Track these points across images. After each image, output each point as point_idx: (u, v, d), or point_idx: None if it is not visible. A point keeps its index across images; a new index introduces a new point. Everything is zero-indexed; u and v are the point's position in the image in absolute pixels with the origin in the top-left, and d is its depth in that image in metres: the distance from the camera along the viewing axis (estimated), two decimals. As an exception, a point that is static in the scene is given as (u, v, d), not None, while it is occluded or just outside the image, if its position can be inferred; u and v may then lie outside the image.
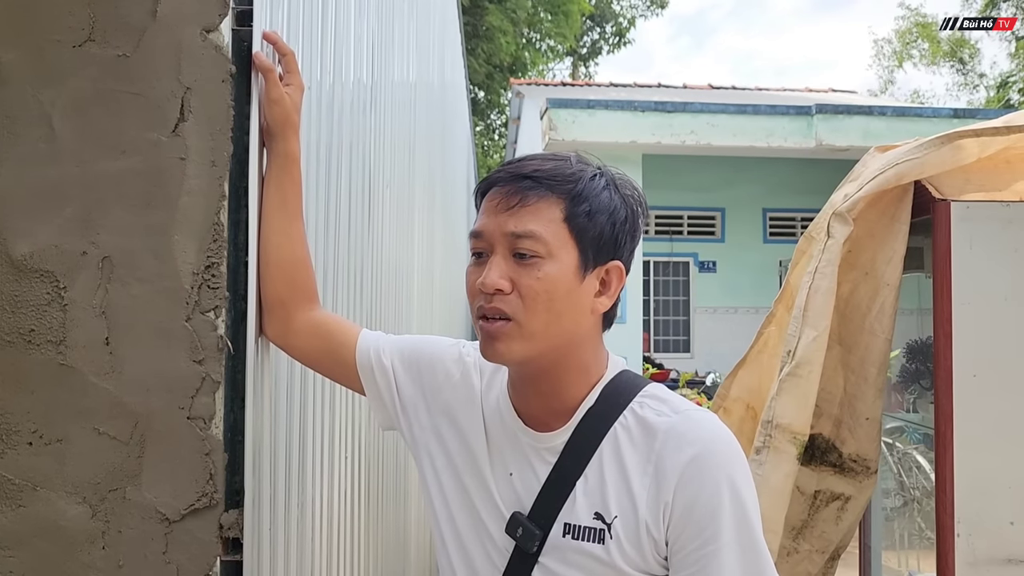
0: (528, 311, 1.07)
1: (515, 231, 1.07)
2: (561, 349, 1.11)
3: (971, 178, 2.09)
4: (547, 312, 1.07)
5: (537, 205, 1.08)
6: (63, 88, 1.08)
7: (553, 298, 1.07)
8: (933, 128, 7.14)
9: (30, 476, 1.06)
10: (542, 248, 1.07)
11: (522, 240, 1.07)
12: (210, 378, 1.08)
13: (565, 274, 1.08)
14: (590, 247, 1.10)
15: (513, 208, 1.08)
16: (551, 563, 1.10)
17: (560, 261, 1.08)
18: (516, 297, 1.07)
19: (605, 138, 7.52)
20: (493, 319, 1.08)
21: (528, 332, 1.07)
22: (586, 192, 1.10)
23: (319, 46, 1.50)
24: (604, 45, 23.60)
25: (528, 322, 1.07)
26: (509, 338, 1.07)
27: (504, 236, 1.08)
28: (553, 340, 1.09)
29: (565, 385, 1.14)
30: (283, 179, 1.22)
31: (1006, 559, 1.99)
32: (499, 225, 1.08)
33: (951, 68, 22.97)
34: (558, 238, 1.08)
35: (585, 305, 1.11)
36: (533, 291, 1.06)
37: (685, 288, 10.60)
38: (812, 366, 2.06)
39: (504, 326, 1.07)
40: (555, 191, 1.09)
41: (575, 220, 1.08)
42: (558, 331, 1.09)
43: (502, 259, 1.08)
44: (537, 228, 1.07)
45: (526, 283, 1.07)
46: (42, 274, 1.07)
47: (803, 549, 2.18)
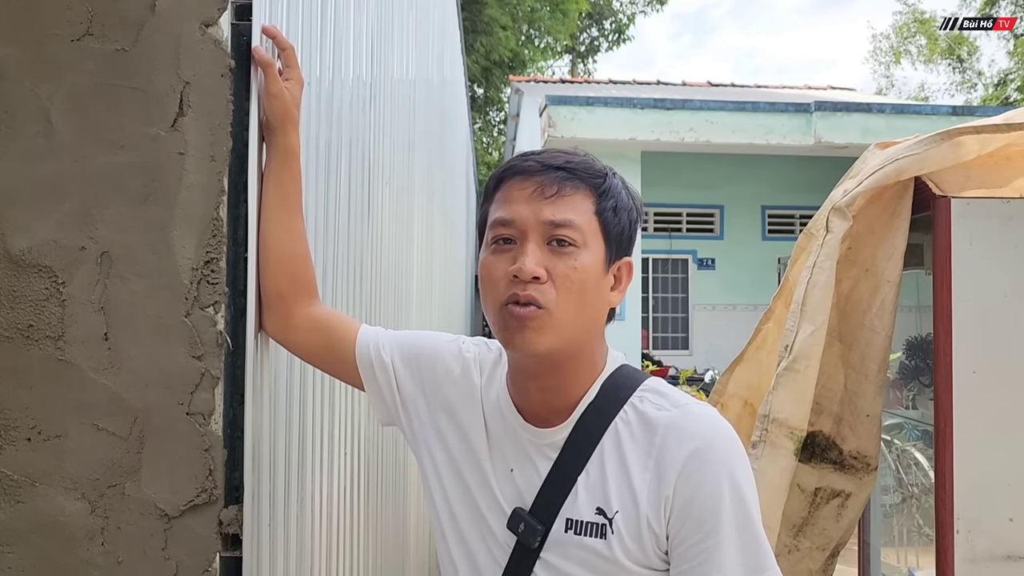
0: (560, 300, 1.07)
1: (554, 219, 1.07)
2: (580, 342, 1.11)
3: (971, 174, 2.09)
4: (578, 302, 1.08)
5: (573, 196, 1.09)
6: (61, 82, 1.07)
7: (585, 288, 1.08)
8: (932, 125, 7.13)
9: (29, 472, 1.06)
10: (579, 237, 1.08)
11: (561, 229, 1.07)
12: (209, 374, 1.08)
13: (596, 265, 1.10)
14: (614, 242, 1.12)
15: (551, 197, 1.08)
16: (553, 558, 1.10)
17: (592, 252, 1.09)
18: (550, 286, 1.07)
19: (604, 135, 7.52)
20: (525, 304, 1.06)
21: (558, 321, 1.07)
22: (611, 188, 1.12)
23: (318, 41, 1.49)
24: (603, 42, 23.58)
25: (559, 311, 1.07)
26: (540, 328, 1.07)
27: (540, 224, 1.08)
28: (577, 331, 1.10)
29: (570, 380, 1.14)
30: (283, 174, 1.22)
31: (1005, 556, 1.99)
32: (535, 212, 1.08)
33: (949, 66, 22.97)
34: (591, 229, 1.10)
35: (605, 298, 1.13)
36: (569, 280, 1.07)
37: (684, 285, 10.60)
38: (810, 360, 2.06)
39: (536, 313, 1.06)
40: (588, 184, 1.11)
41: (604, 214, 1.11)
42: (583, 323, 1.10)
43: (536, 247, 1.08)
44: (575, 218, 1.08)
45: (561, 271, 1.07)
46: (40, 269, 1.06)
47: (804, 546, 2.18)
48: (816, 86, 13.40)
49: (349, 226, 1.76)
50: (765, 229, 10.57)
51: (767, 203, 10.50)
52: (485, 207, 1.17)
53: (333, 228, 1.60)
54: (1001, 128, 2.04)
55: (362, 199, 1.92)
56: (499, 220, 1.10)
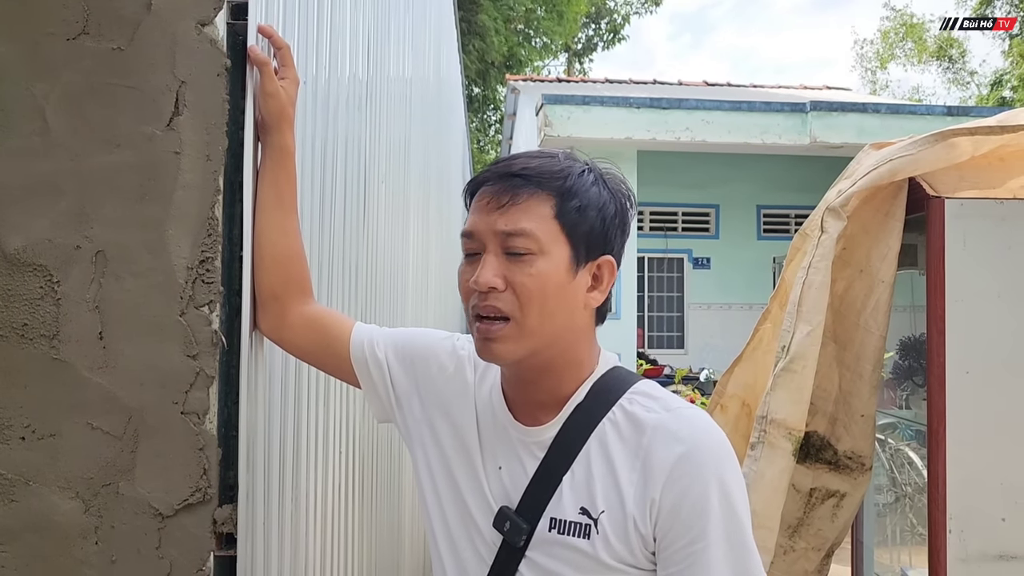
0: (523, 308, 1.07)
1: (506, 229, 1.08)
2: (556, 345, 1.11)
3: (965, 175, 2.09)
4: (541, 309, 1.07)
5: (527, 202, 1.08)
6: (57, 81, 1.07)
7: (547, 295, 1.07)
8: (927, 125, 7.15)
9: (23, 471, 1.06)
10: (534, 245, 1.07)
11: (513, 238, 1.07)
12: (204, 373, 1.08)
13: (557, 270, 1.08)
14: (581, 242, 1.10)
15: (504, 207, 1.08)
16: (538, 557, 1.10)
17: (552, 257, 1.08)
18: (510, 294, 1.07)
19: (600, 134, 7.52)
20: (490, 319, 1.08)
21: (524, 330, 1.08)
22: (575, 188, 1.10)
23: (314, 40, 1.49)
24: (599, 42, 23.59)
25: (523, 320, 1.07)
26: (505, 338, 1.08)
27: (495, 235, 1.08)
28: (548, 337, 1.09)
29: (558, 380, 1.14)
30: (278, 173, 1.22)
31: (998, 555, 2.00)
32: (489, 224, 1.09)
33: (939, 67, 23.00)
34: (549, 234, 1.08)
35: (578, 300, 1.11)
36: (527, 288, 1.07)
37: (679, 284, 10.61)
38: (807, 361, 2.06)
39: (501, 327, 1.08)
40: (544, 187, 1.09)
41: (566, 216, 1.09)
42: (552, 328, 1.09)
43: (494, 257, 1.09)
44: (528, 225, 1.07)
45: (519, 280, 1.07)
46: (35, 268, 1.06)
47: (799, 547, 2.18)
48: (812, 86, 13.39)
49: (345, 225, 1.76)
50: (760, 229, 10.58)
51: (762, 203, 10.51)
52: None
53: (329, 227, 1.60)
54: (995, 130, 2.05)
55: (358, 198, 1.92)
56: (463, 233, 1.12)
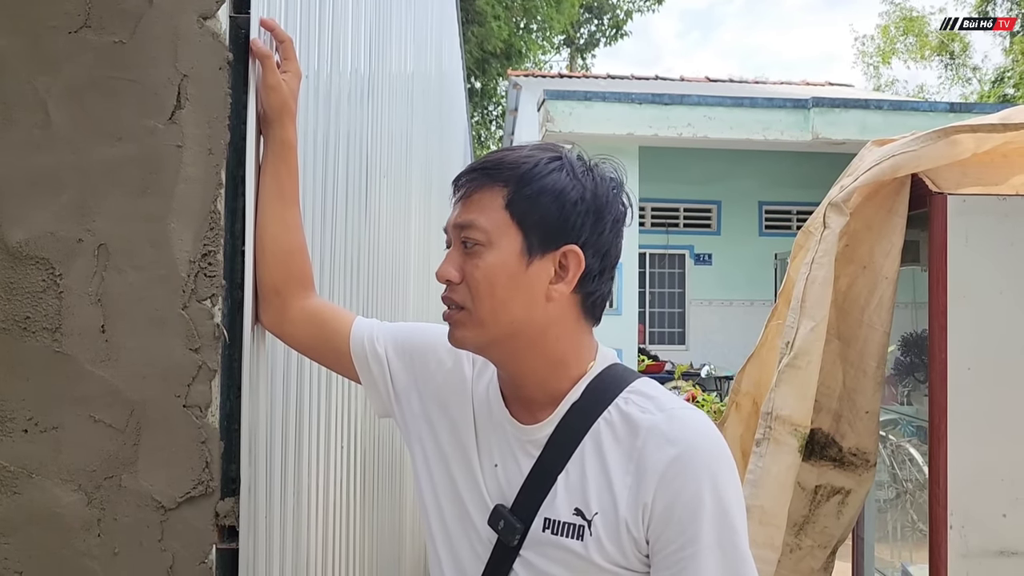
0: (474, 299, 1.09)
1: (457, 222, 1.11)
2: (519, 337, 1.10)
3: (968, 172, 2.09)
4: (491, 299, 1.08)
5: (479, 195, 1.10)
6: (59, 75, 1.07)
7: (495, 285, 1.08)
8: (930, 122, 7.13)
9: (25, 463, 1.06)
10: (482, 237, 1.09)
11: (465, 231, 1.10)
12: (206, 366, 1.08)
13: (505, 261, 1.08)
14: (534, 231, 1.08)
15: (461, 200, 1.12)
16: (532, 557, 1.10)
17: (500, 248, 1.08)
18: (464, 286, 1.10)
19: (602, 130, 7.52)
20: (450, 308, 1.12)
21: (477, 319, 1.10)
22: (529, 176, 1.09)
23: (316, 34, 1.49)
24: (601, 37, 23.55)
25: (476, 309, 1.09)
26: (462, 325, 1.11)
27: (453, 228, 1.12)
28: (504, 327, 1.09)
29: (541, 376, 1.13)
30: (280, 167, 1.22)
31: (998, 551, 2.00)
32: (451, 219, 1.13)
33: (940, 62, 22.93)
34: (498, 225, 1.08)
35: (536, 291, 1.09)
36: (475, 279, 1.09)
37: (681, 280, 10.61)
38: (811, 356, 2.06)
39: (457, 314, 1.11)
40: (497, 179, 1.10)
41: (516, 205, 1.09)
42: (508, 318, 1.09)
43: (456, 251, 1.12)
44: (475, 217, 1.09)
45: (469, 272, 1.10)
46: (37, 261, 1.06)
47: (805, 545, 2.18)
48: (814, 82, 13.37)
49: (347, 219, 1.76)
50: (762, 225, 10.58)
51: (764, 199, 10.51)
52: None
53: (331, 221, 1.60)
54: (997, 128, 2.04)
55: (360, 192, 1.92)
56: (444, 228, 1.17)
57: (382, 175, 2.27)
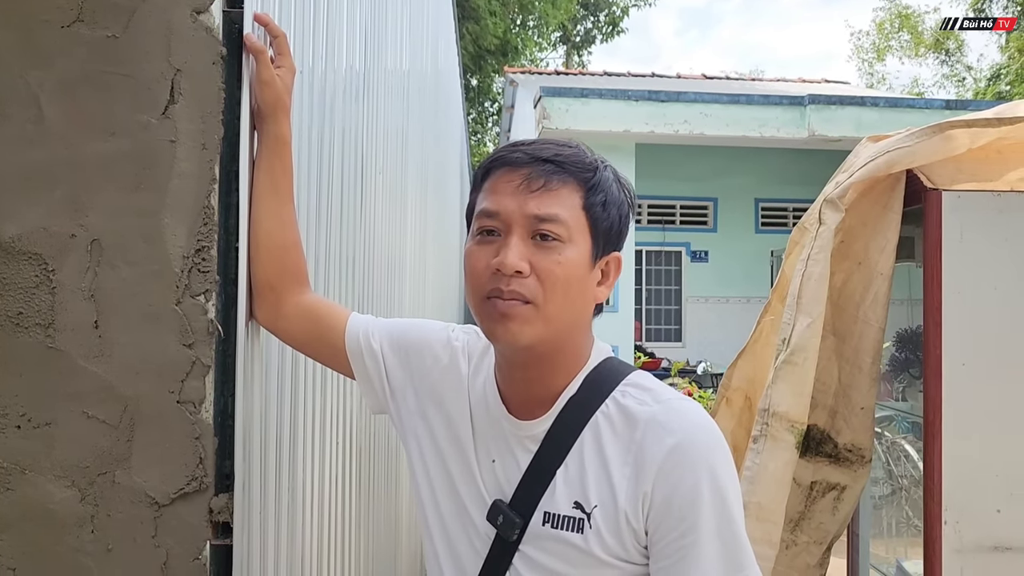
0: (546, 294, 1.06)
1: (539, 213, 1.06)
2: (564, 336, 1.11)
3: (963, 168, 2.09)
4: (564, 297, 1.07)
5: (560, 190, 1.08)
6: (51, 69, 1.07)
7: (570, 283, 1.07)
8: (926, 119, 7.13)
9: (18, 459, 1.06)
10: (564, 232, 1.07)
11: (546, 223, 1.06)
12: (200, 362, 1.08)
13: (581, 260, 1.09)
14: (601, 237, 1.11)
15: (536, 191, 1.07)
16: (531, 551, 1.10)
17: (578, 247, 1.08)
18: (534, 280, 1.06)
19: (599, 127, 7.52)
20: (512, 301, 1.06)
21: (544, 315, 1.06)
22: (602, 183, 1.11)
23: (311, 30, 1.49)
24: (598, 34, 23.53)
25: (545, 305, 1.06)
26: (524, 320, 1.06)
27: (525, 217, 1.06)
28: (562, 325, 1.09)
29: (554, 372, 1.13)
30: (274, 162, 1.22)
31: (992, 546, 2.01)
32: (520, 206, 1.07)
33: (935, 60, 22.95)
34: (577, 224, 1.08)
35: (591, 293, 1.12)
36: (553, 275, 1.06)
37: (677, 277, 10.62)
38: (807, 353, 2.06)
39: (520, 307, 1.05)
40: (576, 178, 1.09)
41: (592, 209, 1.09)
42: (569, 317, 1.09)
43: (520, 240, 1.06)
44: (561, 212, 1.07)
45: (545, 266, 1.06)
46: (30, 256, 1.06)
47: (801, 541, 2.18)
48: (810, 79, 13.37)
49: (342, 216, 1.75)
50: (758, 222, 10.59)
51: (760, 196, 10.52)
52: (473, 196, 1.15)
53: (325, 217, 1.59)
54: (992, 122, 2.04)
55: (355, 189, 1.91)
56: (484, 211, 1.09)
57: (377, 171, 2.27)
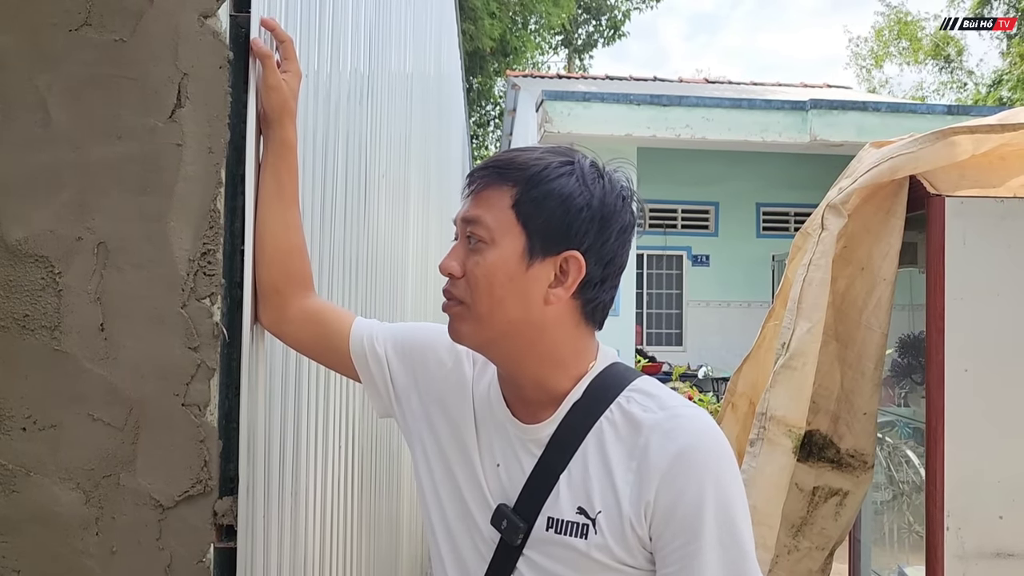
0: (473, 295, 1.09)
1: (465, 216, 1.12)
2: (516, 337, 1.10)
3: (966, 174, 2.09)
4: (489, 297, 1.08)
5: (488, 192, 1.10)
6: (59, 72, 1.07)
7: (493, 283, 1.08)
8: (927, 124, 7.15)
9: (23, 461, 1.06)
10: (485, 234, 1.09)
11: (471, 226, 1.10)
12: (205, 365, 1.08)
13: (506, 261, 1.08)
14: (537, 234, 1.08)
15: (471, 196, 1.12)
16: (536, 556, 1.10)
17: (502, 248, 1.08)
18: (464, 281, 1.10)
19: (600, 131, 7.51)
20: (449, 301, 1.13)
21: (474, 315, 1.10)
22: (538, 178, 1.08)
23: (316, 34, 1.49)
24: (599, 38, 23.54)
25: (473, 305, 1.10)
26: (460, 319, 1.12)
27: (460, 222, 1.13)
28: (500, 326, 1.09)
29: (539, 377, 1.12)
30: (279, 166, 1.22)
31: (995, 553, 2.01)
32: (459, 213, 1.14)
33: (935, 66, 22.92)
34: (503, 225, 1.08)
35: (534, 294, 1.09)
36: (474, 276, 1.09)
37: (678, 281, 10.61)
38: (807, 358, 2.06)
39: (456, 308, 1.12)
40: (507, 179, 1.09)
41: (522, 206, 1.08)
42: (504, 317, 1.09)
43: (460, 245, 1.13)
44: (481, 214, 1.09)
45: (469, 268, 1.10)
46: (37, 259, 1.06)
47: (803, 546, 2.18)
48: (812, 84, 13.38)
49: (346, 219, 1.76)
50: (760, 226, 10.59)
51: (762, 200, 10.51)
52: None
53: (330, 221, 1.60)
54: (995, 128, 2.05)
55: (359, 192, 1.92)
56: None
57: (381, 175, 2.27)
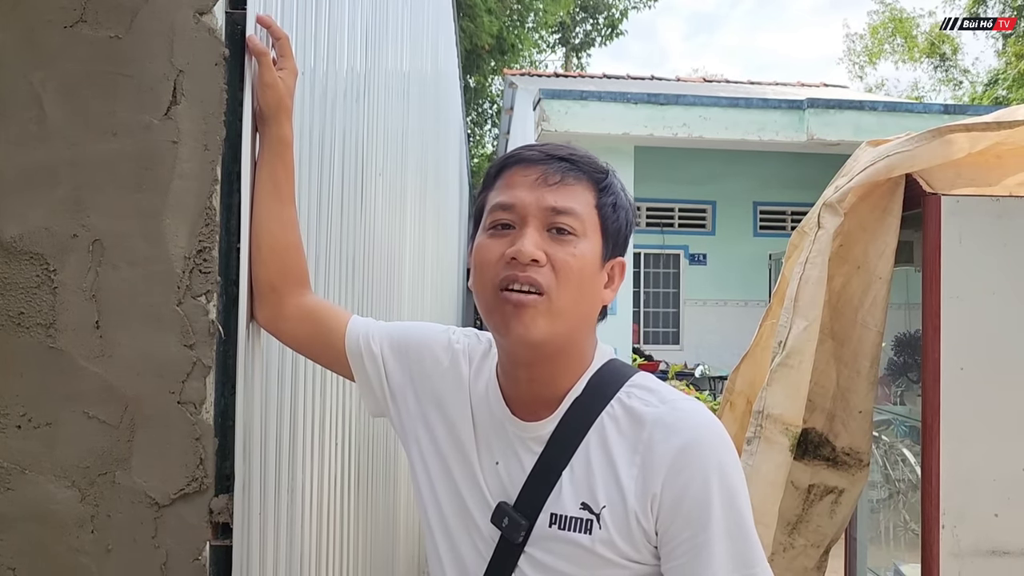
0: (560, 286, 1.06)
1: (556, 206, 1.08)
2: (573, 334, 1.11)
3: (962, 172, 2.10)
4: (577, 290, 1.08)
5: (575, 187, 1.10)
6: (54, 69, 1.07)
7: (583, 276, 1.08)
8: (924, 123, 7.15)
9: (19, 459, 1.06)
10: (579, 226, 1.09)
11: (562, 216, 1.08)
12: (201, 363, 1.08)
13: (593, 257, 1.10)
14: (610, 238, 1.13)
15: (554, 185, 1.09)
16: (538, 553, 1.10)
17: (591, 243, 1.10)
18: (550, 270, 1.06)
19: (598, 129, 7.52)
20: (522, 291, 1.06)
21: (556, 308, 1.06)
22: (612, 185, 1.13)
23: (312, 31, 1.49)
24: (597, 36, 23.53)
25: (558, 297, 1.06)
26: (537, 312, 1.06)
27: (542, 210, 1.08)
28: (573, 322, 1.10)
29: (559, 372, 1.14)
30: (276, 164, 1.22)
31: (990, 551, 2.01)
32: (537, 199, 1.08)
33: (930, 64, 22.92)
34: (591, 221, 1.10)
35: (599, 294, 1.13)
36: (568, 266, 1.07)
37: (675, 280, 10.62)
38: (803, 356, 2.07)
39: (534, 299, 1.06)
40: (591, 177, 1.12)
41: (604, 209, 1.11)
42: (579, 313, 1.10)
43: (536, 231, 1.08)
44: (577, 206, 1.09)
45: (561, 257, 1.07)
46: (32, 256, 1.06)
47: (799, 544, 2.19)
48: (809, 83, 13.38)
49: (342, 217, 1.75)
50: (757, 225, 10.60)
51: (759, 199, 10.52)
52: (484, 194, 1.16)
53: (326, 219, 1.60)
54: (991, 127, 2.05)
55: (355, 190, 1.91)
56: (499, 204, 1.10)
57: (377, 173, 2.27)
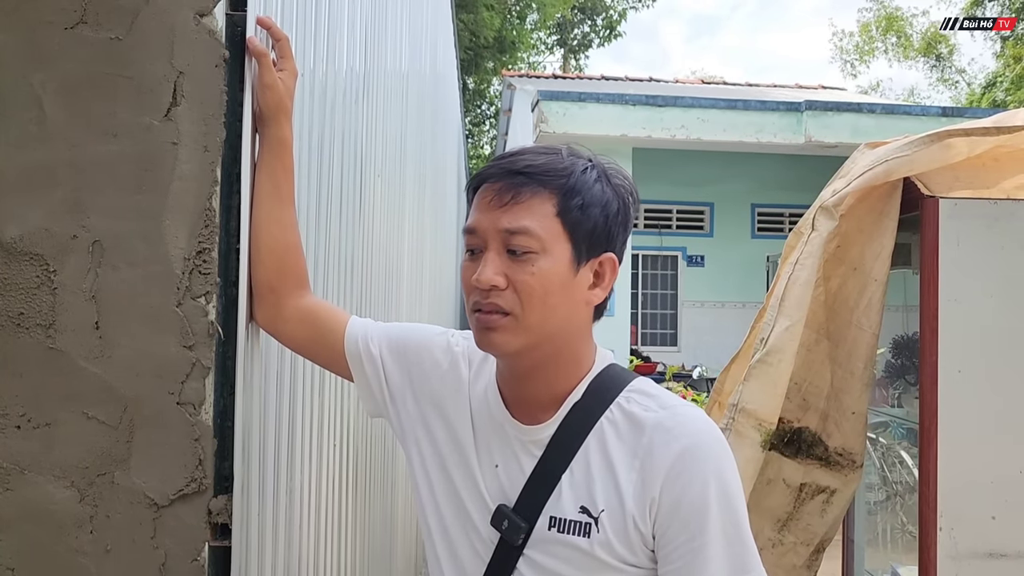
0: (524, 306, 1.07)
1: (508, 227, 1.07)
2: (556, 342, 1.11)
3: (959, 175, 2.10)
4: (543, 307, 1.07)
5: (530, 201, 1.08)
6: (54, 70, 1.07)
7: (548, 292, 1.07)
8: (922, 126, 7.17)
9: (18, 460, 1.06)
10: (535, 244, 1.07)
11: (515, 236, 1.07)
12: (200, 363, 1.08)
13: (559, 268, 1.08)
14: (583, 240, 1.10)
15: (506, 204, 1.08)
16: (537, 555, 1.11)
17: (553, 256, 1.08)
18: (511, 292, 1.07)
19: (596, 131, 7.52)
20: (492, 313, 1.08)
21: (524, 326, 1.07)
22: (578, 186, 1.09)
23: (312, 33, 1.49)
24: (595, 38, 23.55)
25: (524, 316, 1.07)
26: (505, 330, 1.08)
27: (497, 232, 1.08)
28: (548, 333, 1.09)
29: (555, 377, 1.14)
30: (275, 165, 1.22)
31: (987, 553, 2.02)
32: (492, 221, 1.08)
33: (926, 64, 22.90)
34: (551, 233, 1.08)
35: (579, 298, 1.12)
36: (528, 286, 1.07)
37: (673, 282, 10.62)
38: (783, 355, 2.07)
39: (500, 319, 1.07)
40: (547, 186, 1.08)
41: (568, 214, 1.08)
42: (554, 324, 1.09)
43: (496, 255, 1.08)
44: (530, 224, 1.07)
45: (521, 279, 1.07)
46: (32, 257, 1.06)
47: (788, 541, 2.20)
48: (807, 85, 13.39)
49: (341, 218, 1.76)
50: (755, 227, 10.60)
51: (757, 201, 10.53)
52: None
53: (325, 220, 1.60)
54: (990, 131, 2.06)
55: (354, 191, 1.92)
56: (466, 229, 1.12)
57: (376, 174, 2.27)
